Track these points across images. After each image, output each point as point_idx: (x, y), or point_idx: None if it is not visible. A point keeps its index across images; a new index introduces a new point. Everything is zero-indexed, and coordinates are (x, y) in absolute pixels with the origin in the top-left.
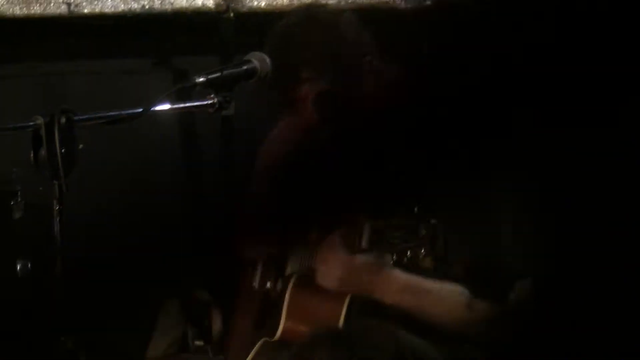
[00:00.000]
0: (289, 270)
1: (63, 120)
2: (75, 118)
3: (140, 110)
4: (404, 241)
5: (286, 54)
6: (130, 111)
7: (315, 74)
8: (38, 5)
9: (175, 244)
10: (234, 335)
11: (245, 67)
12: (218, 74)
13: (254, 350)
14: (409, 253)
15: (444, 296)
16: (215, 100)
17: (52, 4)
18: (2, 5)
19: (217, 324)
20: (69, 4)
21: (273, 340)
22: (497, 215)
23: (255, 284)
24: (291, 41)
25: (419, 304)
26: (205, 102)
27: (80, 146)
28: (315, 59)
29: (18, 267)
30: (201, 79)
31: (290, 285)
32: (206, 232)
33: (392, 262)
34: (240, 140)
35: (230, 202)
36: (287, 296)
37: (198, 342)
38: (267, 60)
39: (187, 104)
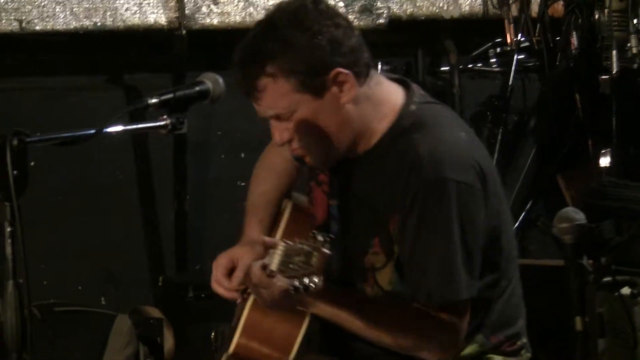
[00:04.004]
0: None
1: (15, 142)
2: (28, 140)
3: (94, 131)
4: (302, 269)
5: None
6: (84, 132)
7: None
8: None
9: (128, 262)
10: None
11: (197, 88)
12: (170, 95)
13: None
14: (306, 280)
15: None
16: (168, 121)
17: (3, 21)
18: None
19: (169, 342)
20: (20, 21)
21: (227, 354)
22: None
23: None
24: None
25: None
26: (158, 124)
27: (32, 163)
28: None
29: None
30: (153, 100)
31: (250, 300)
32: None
33: (294, 287)
34: (194, 156)
35: (183, 222)
36: (245, 311)
37: None
38: (220, 80)
39: (140, 126)
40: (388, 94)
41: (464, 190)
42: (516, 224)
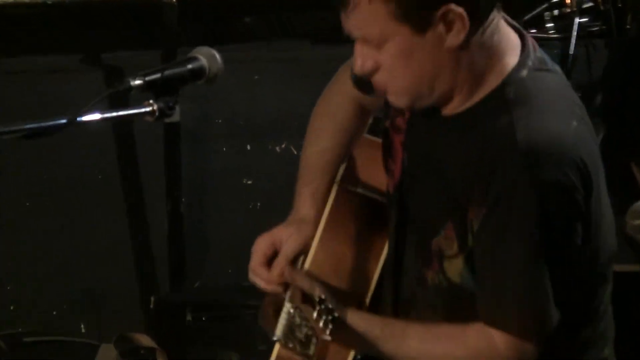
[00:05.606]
0: None
1: None
2: None
3: (65, 120)
4: (299, 352)
5: None
6: (54, 122)
7: None
8: None
9: (113, 280)
10: None
11: (190, 66)
12: (157, 75)
13: None
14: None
15: None
16: (155, 106)
17: None
18: None
19: None
20: None
21: None
22: None
23: None
24: None
25: None
26: (142, 110)
27: None
28: None
29: None
30: (137, 82)
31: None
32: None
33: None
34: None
35: (178, 229)
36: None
37: None
38: (217, 56)
39: (121, 113)
40: (503, 49)
41: (562, 194)
42: None
